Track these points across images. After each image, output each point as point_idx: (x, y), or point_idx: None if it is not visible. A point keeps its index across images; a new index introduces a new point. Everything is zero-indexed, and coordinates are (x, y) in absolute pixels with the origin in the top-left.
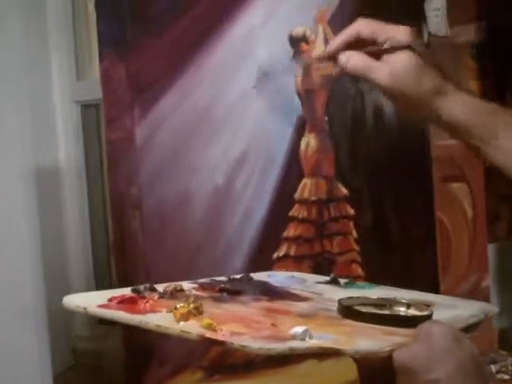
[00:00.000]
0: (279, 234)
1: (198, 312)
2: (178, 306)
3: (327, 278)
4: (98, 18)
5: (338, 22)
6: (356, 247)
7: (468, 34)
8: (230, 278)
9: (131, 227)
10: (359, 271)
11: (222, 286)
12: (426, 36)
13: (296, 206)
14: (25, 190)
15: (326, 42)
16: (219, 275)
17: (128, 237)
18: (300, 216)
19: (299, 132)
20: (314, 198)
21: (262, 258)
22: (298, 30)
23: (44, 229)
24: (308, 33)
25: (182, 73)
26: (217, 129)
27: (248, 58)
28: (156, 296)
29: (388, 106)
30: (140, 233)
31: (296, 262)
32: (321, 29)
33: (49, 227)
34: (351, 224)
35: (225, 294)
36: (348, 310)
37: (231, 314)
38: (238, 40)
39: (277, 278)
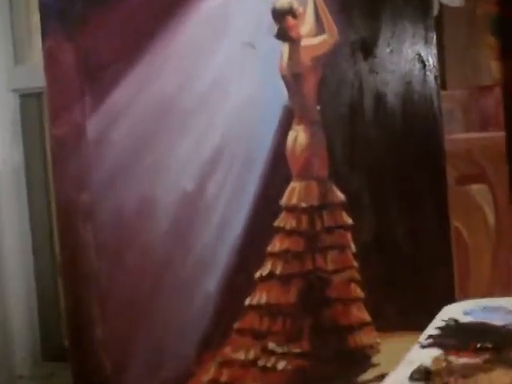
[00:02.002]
0: (262, 248)
1: None
2: None
3: None
4: None
5: None
6: (355, 263)
7: (487, 4)
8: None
9: (82, 242)
10: (358, 293)
11: (480, 345)
12: (436, 7)
13: (282, 215)
14: None
15: (318, 15)
16: (188, 300)
17: (78, 254)
18: (287, 226)
19: (285, 124)
20: (304, 205)
21: (240, 277)
22: (283, 2)
23: None
24: (295, 5)
25: (143, 55)
26: (185, 122)
27: (223, 36)
28: None
29: (392, 93)
30: (93, 249)
31: (282, 282)
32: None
33: None
34: (349, 235)
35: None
36: None
37: None
38: (211, 14)
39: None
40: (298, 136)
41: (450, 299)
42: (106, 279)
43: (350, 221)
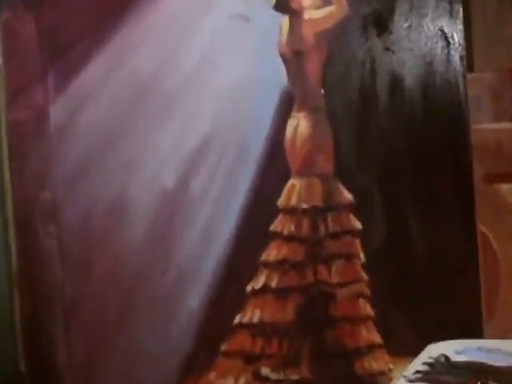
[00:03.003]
0: (255, 257)
1: None
2: None
3: None
4: None
5: None
6: (364, 276)
7: None
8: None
9: (43, 248)
10: (368, 310)
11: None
12: None
13: (279, 217)
14: None
15: None
16: (168, 317)
17: (39, 262)
18: (285, 231)
19: (284, 111)
20: (304, 206)
21: (229, 291)
22: None
23: None
24: None
25: (118, 28)
26: (166, 107)
27: (211, 7)
28: None
29: (410, 75)
30: (57, 256)
31: (279, 297)
32: None
33: None
34: (357, 242)
35: None
36: None
37: None
38: None
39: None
40: (299, 125)
41: (475, 318)
42: (72, 292)
43: (358, 225)
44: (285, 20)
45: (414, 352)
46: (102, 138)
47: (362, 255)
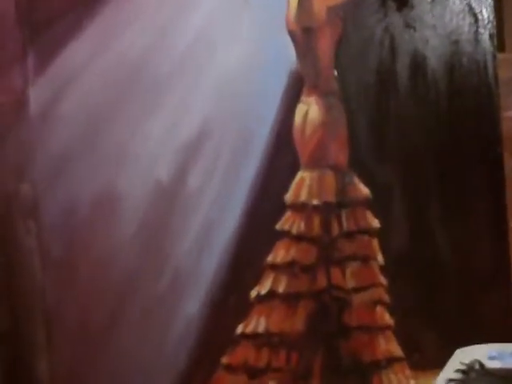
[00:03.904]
0: (260, 258)
1: None
2: None
3: None
4: None
5: None
6: (382, 280)
7: None
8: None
9: (23, 248)
10: (387, 319)
11: None
12: None
13: (287, 215)
14: None
15: None
16: (163, 325)
17: (18, 263)
18: (294, 230)
19: (293, 95)
20: (316, 202)
21: (232, 297)
22: None
23: None
24: None
25: (103, 3)
26: (159, 91)
27: None
28: None
29: (434, 56)
30: (37, 256)
31: (287, 304)
32: None
33: None
34: (375, 243)
35: None
36: None
37: None
38: None
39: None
40: (310, 110)
41: (507, 328)
42: (54, 297)
43: (376, 223)
44: None
45: (439, 365)
46: (87, 125)
47: (380, 257)
